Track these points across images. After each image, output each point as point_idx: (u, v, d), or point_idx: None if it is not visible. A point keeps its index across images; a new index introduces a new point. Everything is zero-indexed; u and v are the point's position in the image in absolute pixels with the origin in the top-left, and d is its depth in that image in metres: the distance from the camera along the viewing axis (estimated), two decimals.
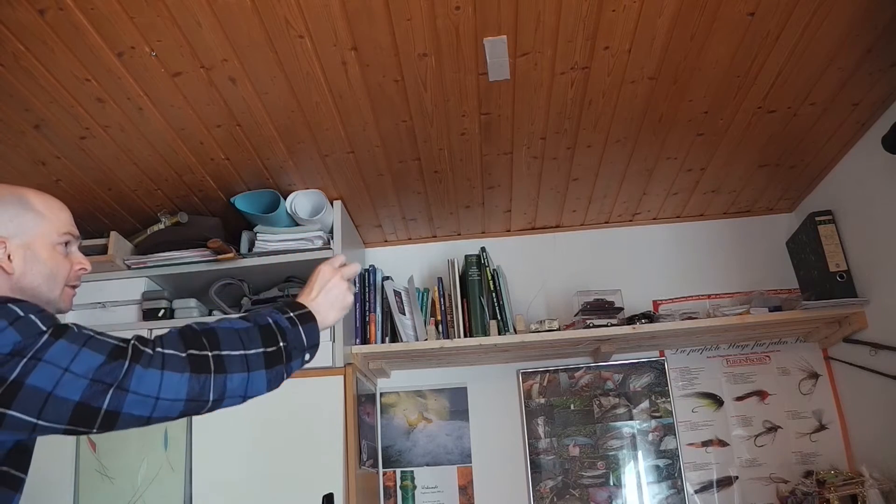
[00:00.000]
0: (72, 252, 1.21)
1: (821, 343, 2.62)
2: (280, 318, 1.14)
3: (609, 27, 1.69)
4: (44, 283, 1.15)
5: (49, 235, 1.16)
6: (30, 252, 1.13)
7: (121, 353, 0.95)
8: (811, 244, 2.48)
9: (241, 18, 1.58)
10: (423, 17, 1.61)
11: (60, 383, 0.90)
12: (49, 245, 1.15)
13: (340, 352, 2.23)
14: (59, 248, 1.17)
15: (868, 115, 2.16)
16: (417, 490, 2.58)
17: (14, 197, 1.14)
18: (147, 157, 2.13)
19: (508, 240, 2.86)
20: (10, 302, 0.97)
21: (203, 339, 1.02)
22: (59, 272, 1.17)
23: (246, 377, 1.04)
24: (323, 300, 1.26)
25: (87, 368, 0.92)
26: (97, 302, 2.39)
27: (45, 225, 1.15)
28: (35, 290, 1.13)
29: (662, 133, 2.19)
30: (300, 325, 1.17)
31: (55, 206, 1.19)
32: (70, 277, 1.20)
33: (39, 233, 1.14)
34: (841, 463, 2.48)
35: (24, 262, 1.12)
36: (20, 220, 1.13)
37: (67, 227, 1.19)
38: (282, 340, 1.11)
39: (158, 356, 0.96)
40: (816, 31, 1.75)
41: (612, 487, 2.54)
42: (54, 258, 1.16)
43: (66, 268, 1.18)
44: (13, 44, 1.61)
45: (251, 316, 1.13)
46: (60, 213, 1.19)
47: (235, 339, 1.05)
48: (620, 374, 2.67)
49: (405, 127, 2.07)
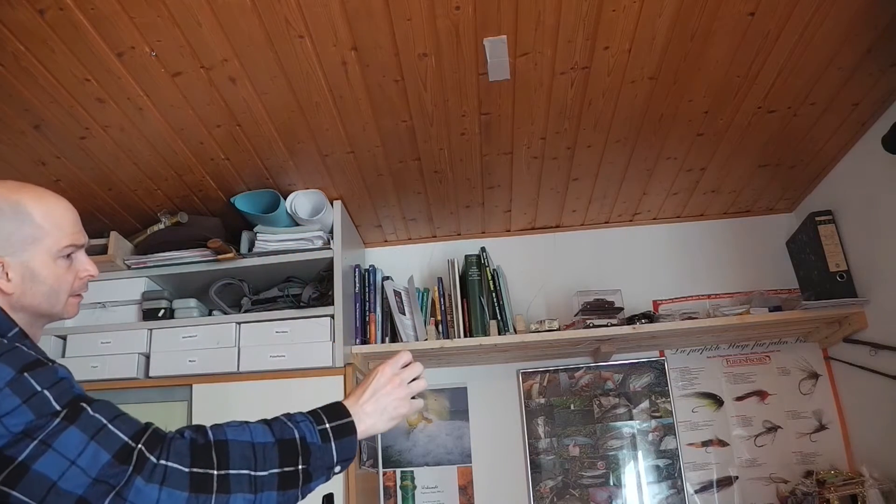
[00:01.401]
0: (76, 260, 1.14)
1: (821, 343, 2.62)
2: (311, 432, 1.03)
3: (609, 27, 1.69)
4: (44, 301, 1.10)
5: (50, 250, 1.09)
6: (28, 271, 1.07)
7: (127, 457, 0.90)
8: (811, 244, 2.48)
9: (241, 18, 1.58)
10: (423, 17, 1.61)
11: (66, 476, 0.88)
12: (50, 260, 1.09)
13: (340, 352, 2.23)
14: (60, 262, 1.11)
15: (868, 115, 2.16)
16: (417, 490, 2.58)
17: (10, 207, 1.06)
18: (147, 157, 2.13)
19: (508, 240, 2.86)
20: (27, 370, 0.92)
21: (212, 455, 0.95)
22: (61, 287, 1.11)
23: (252, 499, 0.95)
24: (373, 407, 1.14)
25: (94, 466, 0.88)
26: (97, 302, 2.39)
27: (46, 240, 1.08)
28: (36, 307, 1.09)
29: (662, 133, 2.19)
30: (334, 440, 1.05)
31: (56, 214, 1.11)
32: (74, 287, 1.14)
33: (39, 249, 1.08)
34: (841, 463, 2.48)
35: (22, 281, 1.06)
36: (17, 236, 1.06)
37: (70, 238, 1.11)
38: (303, 462, 1.00)
39: (160, 470, 0.91)
40: (816, 31, 1.75)
41: (612, 487, 2.54)
42: (55, 274, 1.10)
43: (69, 280, 1.13)
44: (13, 44, 1.61)
45: (278, 425, 1.02)
46: (62, 220, 1.11)
47: (249, 455, 0.97)
48: (620, 374, 2.67)
49: (405, 127, 2.07)
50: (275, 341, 2.27)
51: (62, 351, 2.35)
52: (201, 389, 2.22)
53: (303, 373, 2.20)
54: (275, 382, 2.19)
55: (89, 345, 2.33)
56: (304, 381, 2.19)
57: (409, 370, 1.19)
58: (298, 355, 2.24)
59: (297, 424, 1.04)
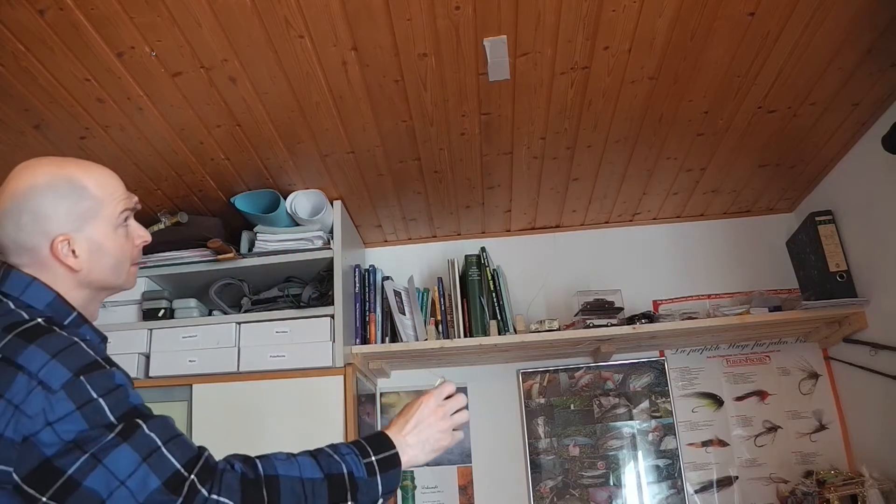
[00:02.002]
0: (131, 227, 1.12)
1: (821, 343, 2.62)
2: (358, 465, 1.02)
3: (609, 27, 1.69)
4: (111, 273, 1.08)
5: (109, 220, 1.07)
6: (94, 244, 1.05)
7: (177, 486, 0.88)
8: (811, 244, 2.48)
9: (241, 18, 1.58)
10: (423, 17, 1.61)
11: (114, 496, 0.86)
12: (111, 230, 1.07)
13: (340, 352, 2.23)
14: (120, 231, 1.09)
15: (868, 115, 2.16)
16: (417, 490, 2.58)
17: (66, 182, 1.04)
18: (147, 157, 2.13)
19: (508, 240, 2.86)
20: (83, 373, 0.90)
21: (263, 491, 0.93)
22: (124, 256, 1.10)
23: None
24: (416, 439, 1.11)
25: (142, 490, 0.86)
26: None
27: (104, 210, 1.06)
28: (103, 281, 1.08)
29: (662, 133, 2.19)
30: (379, 473, 1.04)
31: (107, 182, 1.08)
32: (133, 256, 1.13)
33: (99, 220, 1.05)
34: (841, 463, 2.48)
35: (89, 256, 1.04)
36: (77, 210, 1.03)
37: (124, 203, 1.09)
38: (351, 498, 1.00)
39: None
40: (816, 31, 1.75)
41: (612, 487, 2.54)
42: (118, 244, 1.08)
43: (130, 248, 1.11)
44: (13, 44, 1.61)
45: (325, 459, 1.01)
46: (114, 187, 1.09)
47: (299, 492, 0.96)
48: (620, 374, 2.66)
49: (405, 127, 2.07)
50: (275, 341, 2.27)
51: None
52: (201, 389, 2.22)
53: (303, 373, 2.20)
54: (275, 382, 2.19)
55: None
56: (304, 381, 2.19)
57: (453, 401, 1.17)
58: (298, 355, 2.24)
59: (344, 458, 1.02)
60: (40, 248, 1.02)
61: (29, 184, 1.03)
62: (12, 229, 1.01)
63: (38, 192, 1.02)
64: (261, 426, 2.16)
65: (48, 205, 1.02)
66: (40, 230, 1.01)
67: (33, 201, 1.01)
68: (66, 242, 1.02)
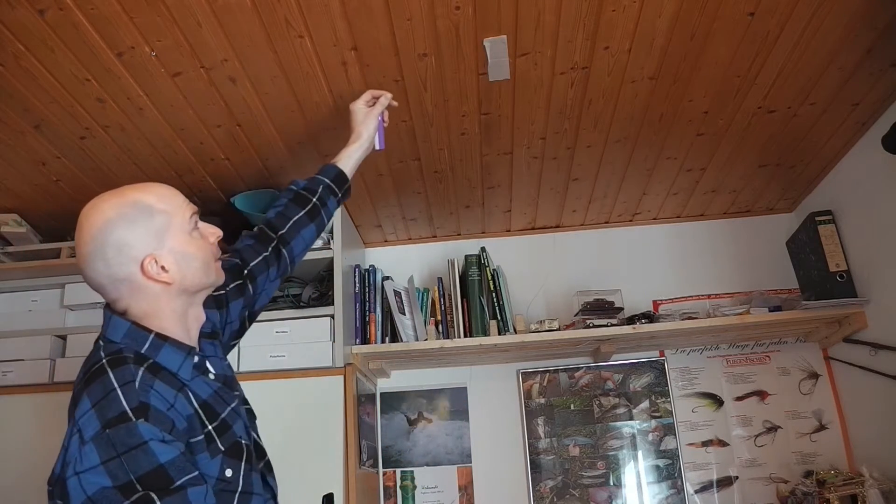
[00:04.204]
0: (202, 227, 1.20)
1: (821, 343, 2.62)
2: None
3: (609, 27, 1.69)
4: (202, 274, 1.16)
5: (182, 227, 1.14)
6: (178, 254, 1.12)
7: None
8: (811, 244, 2.48)
9: (241, 18, 1.58)
10: (423, 17, 1.61)
11: None
12: (186, 236, 1.15)
13: (340, 352, 2.23)
14: (194, 234, 1.16)
15: (868, 115, 2.16)
16: (417, 490, 2.58)
17: (132, 207, 1.11)
18: (147, 157, 2.13)
19: (508, 240, 2.86)
20: (110, 426, 0.95)
21: None
22: (207, 255, 1.18)
23: None
24: None
25: None
26: (97, 302, 2.39)
27: (174, 220, 1.14)
28: (197, 284, 1.16)
29: (662, 133, 2.19)
30: None
31: (167, 194, 1.16)
32: (214, 252, 1.21)
33: (173, 231, 1.13)
34: (841, 463, 2.48)
35: (178, 266, 1.12)
36: (154, 228, 1.11)
37: (189, 209, 1.17)
38: None
39: None
40: (816, 31, 1.75)
41: (612, 487, 2.54)
42: (197, 245, 1.16)
43: (208, 246, 1.19)
44: (13, 44, 1.61)
45: None
46: (174, 198, 1.17)
47: None
48: (620, 374, 2.67)
49: (405, 127, 2.07)
50: (275, 341, 2.27)
51: (62, 351, 2.35)
52: None
53: (303, 373, 2.20)
54: (275, 382, 2.19)
55: (89, 345, 2.30)
56: (304, 381, 2.19)
57: None
58: (298, 355, 2.24)
59: None
60: (133, 274, 1.09)
61: (101, 220, 1.09)
62: (102, 267, 1.09)
63: (112, 225, 1.09)
64: (261, 426, 2.15)
65: (125, 233, 1.09)
66: (127, 258, 1.09)
67: (112, 235, 1.08)
68: (154, 261, 1.10)
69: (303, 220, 1.56)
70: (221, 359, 1.28)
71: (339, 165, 1.68)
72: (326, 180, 1.64)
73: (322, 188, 1.62)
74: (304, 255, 1.60)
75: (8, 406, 2.26)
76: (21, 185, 2.23)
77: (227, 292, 1.37)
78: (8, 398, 2.26)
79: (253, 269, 1.44)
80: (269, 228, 1.52)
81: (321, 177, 1.64)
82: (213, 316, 1.31)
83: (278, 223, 1.54)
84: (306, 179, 1.65)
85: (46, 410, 2.22)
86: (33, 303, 2.43)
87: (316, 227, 1.59)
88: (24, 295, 2.45)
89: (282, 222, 1.54)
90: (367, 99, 1.74)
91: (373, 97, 1.75)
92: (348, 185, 1.70)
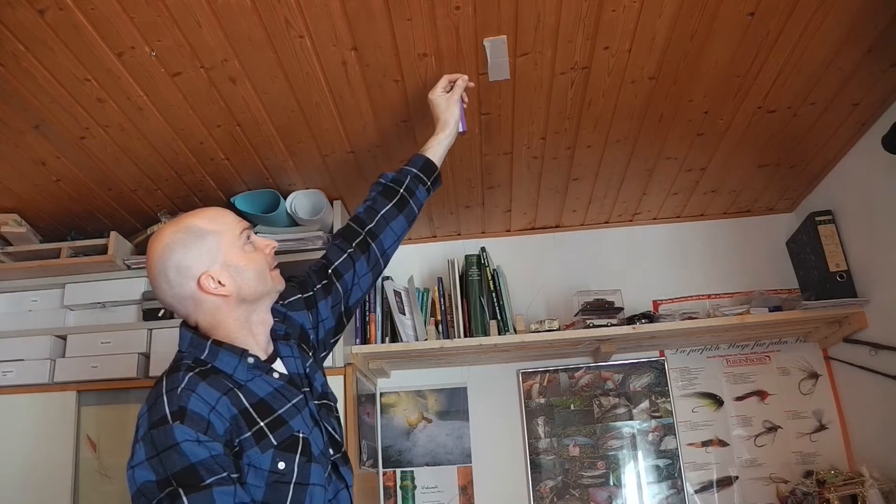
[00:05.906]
0: (255, 241, 1.30)
1: (821, 343, 2.62)
2: None
3: (609, 27, 1.69)
4: (258, 283, 1.26)
5: (233, 243, 1.25)
6: (231, 268, 1.23)
7: None
8: (811, 244, 2.48)
9: (241, 18, 1.58)
10: (423, 17, 1.61)
11: None
12: (238, 250, 1.25)
13: (340, 352, 2.23)
14: (246, 248, 1.27)
15: (868, 115, 2.16)
16: (417, 490, 2.58)
17: (185, 232, 1.23)
18: (147, 157, 2.13)
19: (508, 240, 2.86)
20: (154, 427, 1.08)
21: None
22: (260, 265, 1.27)
23: None
24: None
25: None
26: (97, 302, 2.39)
27: (224, 237, 1.25)
28: (255, 293, 1.26)
29: (662, 133, 2.19)
30: None
31: (216, 215, 1.28)
32: (269, 262, 1.30)
33: (225, 246, 1.24)
34: (841, 463, 2.48)
35: (232, 279, 1.23)
36: (206, 248, 1.23)
37: (238, 225, 1.28)
38: None
39: None
40: (816, 31, 1.75)
41: (612, 487, 2.54)
42: (249, 258, 1.26)
43: (262, 258, 1.28)
44: (13, 44, 1.61)
45: None
46: (222, 217, 1.28)
47: None
48: (620, 374, 2.67)
49: (405, 127, 2.07)
50: None
51: (62, 351, 2.35)
52: None
53: None
54: None
55: (89, 345, 2.32)
56: None
57: None
58: None
59: None
60: (194, 292, 1.22)
61: (160, 247, 1.23)
62: (167, 288, 1.23)
63: (170, 250, 1.22)
64: None
65: (181, 255, 1.22)
66: (186, 277, 1.22)
67: (171, 259, 1.22)
68: (210, 278, 1.22)
69: (391, 212, 1.60)
70: (297, 358, 1.35)
71: (427, 154, 1.71)
72: (414, 170, 1.67)
73: (410, 178, 1.65)
74: (397, 247, 1.66)
75: (8, 406, 2.26)
76: (21, 185, 2.23)
77: (314, 293, 1.48)
78: (8, 398, 2.26)
79: (338, 267, 1.53)
80: (357, 224, 1.59)
81: (409, 167, 1.68)
82: (302, 317, 1.44)
83: (366, 218, 1.59)
84: (395, 172, 1.68)
85: (46, 410, 2.22)
86: (33, 303, 2.43)
87: (406, 219, 1.64)
88: (24, 295, 2.45)
89: (370, 216, 1.60)
90: (444, 85, 1.76)
91: (449, 82, 1.76)
92: (437, 174, 1.72)
